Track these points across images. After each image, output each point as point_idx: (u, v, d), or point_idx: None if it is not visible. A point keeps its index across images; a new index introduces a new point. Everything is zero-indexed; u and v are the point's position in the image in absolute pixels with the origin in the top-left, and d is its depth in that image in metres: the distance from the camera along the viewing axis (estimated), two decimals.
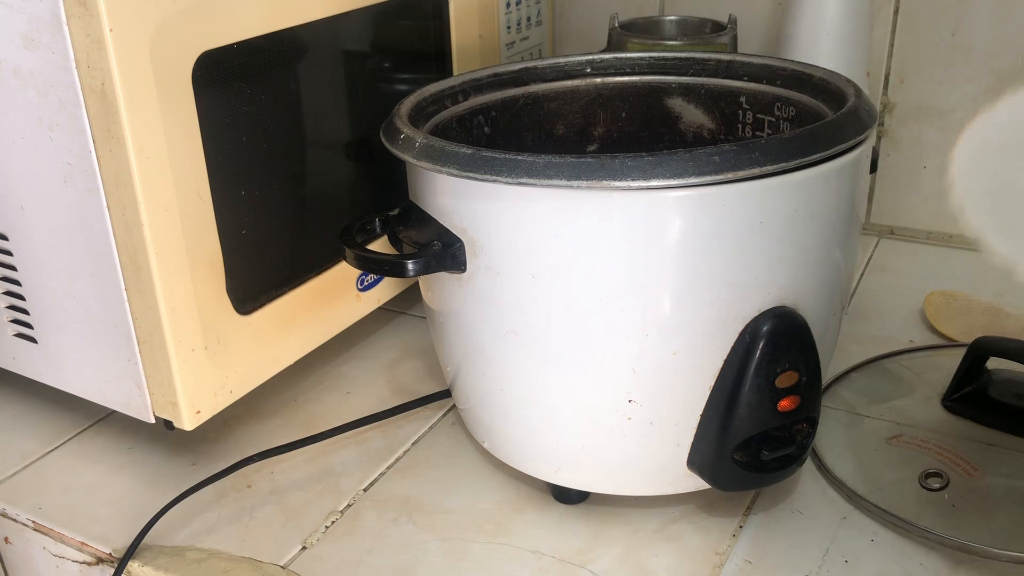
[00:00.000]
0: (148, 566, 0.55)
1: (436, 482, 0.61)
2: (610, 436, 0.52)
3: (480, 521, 0.58)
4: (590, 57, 0.67)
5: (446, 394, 0.68)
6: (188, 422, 0.57)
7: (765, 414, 0.50)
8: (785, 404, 0.50)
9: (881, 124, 0.90)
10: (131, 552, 0.55)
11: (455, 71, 0.76)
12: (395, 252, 0.54)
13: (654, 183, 0.45)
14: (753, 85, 0.63)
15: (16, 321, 0.62)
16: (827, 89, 0.57)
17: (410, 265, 0.50)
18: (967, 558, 0.52)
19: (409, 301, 0.82)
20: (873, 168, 0.56)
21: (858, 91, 0.54)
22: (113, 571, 0.55)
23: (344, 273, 0.67)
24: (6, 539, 0.62)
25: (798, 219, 0.48)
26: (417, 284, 0.60)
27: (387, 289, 0.73)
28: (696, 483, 0.53)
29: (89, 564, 0.58)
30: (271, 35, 0.58)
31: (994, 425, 0.61)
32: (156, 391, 0.57)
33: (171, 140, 0.52)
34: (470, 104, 0.64)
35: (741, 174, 0.45)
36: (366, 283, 0.70)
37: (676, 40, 0.84)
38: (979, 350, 0.63)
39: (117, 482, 0.63)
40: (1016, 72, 0.83)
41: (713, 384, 0.50)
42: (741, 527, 0.56)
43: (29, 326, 0.61)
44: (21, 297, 0.61)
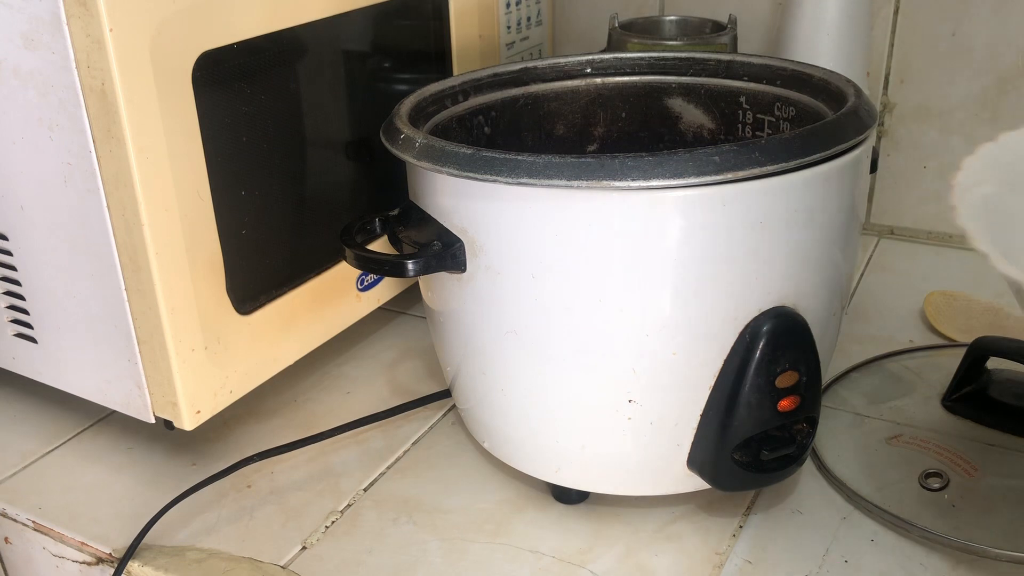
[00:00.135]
0: (148, 566, 0.55)
1: (436, 482, 0.61)
2: (610, 436, 0.52)
3: (480, 521, 0.58)
4: (590, 57, 0.67)
5: (446, 394, 0.68)
6: (188, 422, 0.57)
7: (765, 414, 0.50)
8: (785, 404, 0.50)
9: (881, 124, 0.90)
10: (131, 552, 0.55)
11: (455, 71, 0.76)
12: (395, 252, 0.54)
13: (654, 183, 0.45)
14: (753, 85, 0.63)
15: (16, 321, 0.62)
16: (827, 89, 0.57)
17: (410, 265, 0.50)
18: (967, 558, 0.52)
19: (409, 301, 0.82)
20: (873, 168, 0.56)
21: (858, 91, 0.54)
22: (113, 571, 0.55)
23: (344, 273, 0.67)
24: (6, 539, 0.62)
25: (798, 219, 0.48)
26: (417, 284, 0.60)
27: (387, 289, 0.73)
28: (696, 483, 0.53)
29: (89, 564, 0.58)
30: (271, 35, 0.58)
31: (994, 425, 0.61)
32: (156, 391, 0.57)
33: (171, 140, 0.52)
34: (470, 104, 0.64)
35: (741, 174, 0.45)
36: (366, 283, 0.70)
37: (676, 40, 0.84)
38: (979, 350, 0.63)
39: (117, 482, 0.63)
40: (1016, 72, 0.83)
41: (713, 384, 0.50)
42: (741, 527, 0.56)
43: (29, 326, 0.61)
44: (21, 297, 0.61)
